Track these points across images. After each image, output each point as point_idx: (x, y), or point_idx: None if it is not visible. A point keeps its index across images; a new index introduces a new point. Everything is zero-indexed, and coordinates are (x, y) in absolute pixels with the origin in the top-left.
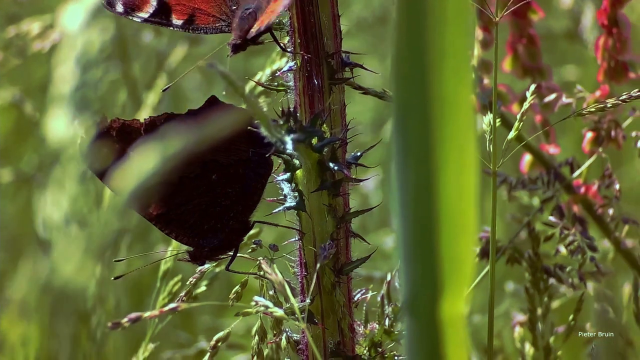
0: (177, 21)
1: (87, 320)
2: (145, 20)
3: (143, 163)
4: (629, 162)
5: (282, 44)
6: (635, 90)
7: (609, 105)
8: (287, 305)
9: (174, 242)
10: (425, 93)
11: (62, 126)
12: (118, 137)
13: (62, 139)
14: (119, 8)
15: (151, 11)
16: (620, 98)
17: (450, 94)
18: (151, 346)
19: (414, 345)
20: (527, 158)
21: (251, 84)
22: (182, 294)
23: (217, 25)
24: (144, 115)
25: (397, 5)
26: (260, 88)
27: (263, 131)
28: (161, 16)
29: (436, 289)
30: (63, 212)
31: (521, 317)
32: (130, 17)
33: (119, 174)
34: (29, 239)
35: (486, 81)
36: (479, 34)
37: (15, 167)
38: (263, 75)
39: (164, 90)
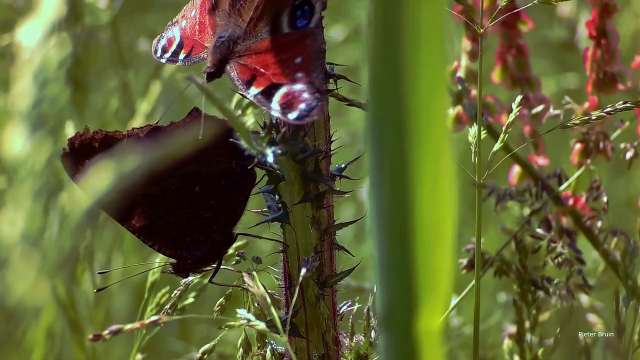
0: (182, 55)
1: (77, 331)
2: (167, 60)
3: (115, 174)
4: (624, 174)
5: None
6: (620, 102)
7: (593, 117)
8: (270, 318)
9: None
10: (399, 106)
11: (19, 143)
12: (100, 148)
13: (18, 157)
14: (158, 53)
15: (172, 50)
16: (605, 110)
17: (425, 108)
18: (139, 357)
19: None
20: (516, 169)
21: (238, 94)
22: (167, 306)
23: (202, 54)
24: (137, 123)
25: (371, 19)
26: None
27: (244, 143)
28: (178, 54)
29: (412, 304)
30: (18, 230)
31: (512, 328)
32: (161, 60)
33: (94, 185)
34: None
35: (474, 92)
36: (467, 44)
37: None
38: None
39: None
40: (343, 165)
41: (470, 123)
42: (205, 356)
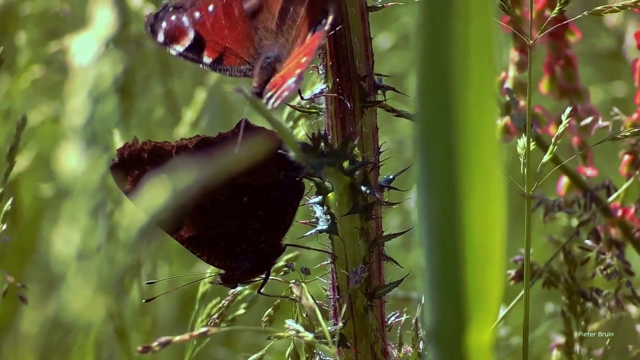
0: (207, 59)
1: (124, 339)
2: (179, 54)
3: (168, 187)
4: None
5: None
6: None
7: None
8: (319, 329)
9: None
10: (449, 121)
11: (74, 160)
12: (149, 159)
13: (73, 173)
14: (160, 37)
15: (187, 45)
16: None
17: (474, 119)
18: None
19: None
20: (564, 180)
21: (288, 106)
22: (215, 316)
23: (242, 67)
24: (182, 131)
25: (420, 31)
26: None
27: (292, 155)
28: (194, 51)
29: (462, 317)
30: (74, 247)
31: (560, 339)
32: (168, 49)
33: (145, 197)
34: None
35: (522, 103)
36: (515, 55)
37: (55, 182)
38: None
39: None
40: (391, 177)
41: (518, 134)
42: None
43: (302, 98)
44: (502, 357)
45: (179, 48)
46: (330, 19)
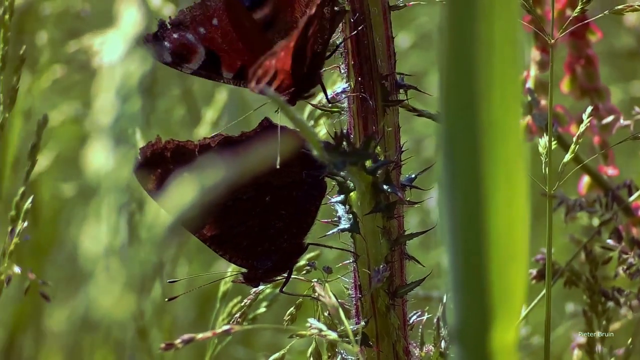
0: (227, 74)
1: (144, 338)
2: (194, 73)
3: (191, 186)
4: None
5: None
6: None
7: None
8: (341, 328)
9: None
10: (473, 120)
11: (101, 158)
12: (172, 158)
13: (100, 171)
14: (167, 58)
15: (200, 62)
16: None
17: (499, 119)
18: None
19: None
20: (586, 180)
21: (309, 105)
22: (237, 315)
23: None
24: (202, 131)
25: (443, 30)
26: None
27: (315, 154)
28: (210, 67)
29: (486, 318)
30: (103, 243)
31: (581, 338)
32: (180, 69)
33: (168, 196)
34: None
35: (543, 102)
36: (536, 54)
37: (79, 180)
38: (323, 97)
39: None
40: (413, 175)
41: (539, 133)
42: None
43: (327, 98)
44: (522, 357)
45: (192, 66)
46: None
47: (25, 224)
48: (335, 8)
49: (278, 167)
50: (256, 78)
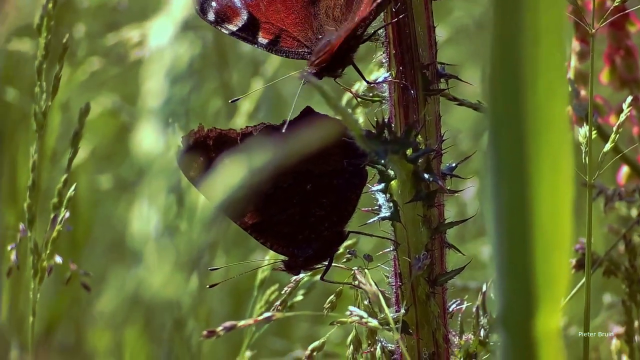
0: (262, 39)
1: (181, 328)
2: (232, 34)
3: (234, 173)
4: None
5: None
6: None
7: None
8: (382, 316)
9: (271, 251)
10: (519, 107)
11: (152, 139)
12: (214, 146)
13: (151, 152)
14: (211, 16)
15: (240, 25)
16: None
17: (545, 108)
18: (248, 354)
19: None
20: (625, 170)
21: (349, 94)
22: (277, 303)
23: (300, 50)
24: (239, 122)
25: (492, 19)
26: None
27: (357, 142)
28: (248, 31)
29: (531, 303)
30: (153, 223)
31: (618, 329)
32: (219, 28)
33: (211, 183)
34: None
35: (583, 93)
36: (575, 45)
37: (115, 173)
38: (361, 86)
39: (232, 102)
40: (454, 165)
41: (579, 124)
42: (315, 353)
43: (365, 80)
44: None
45: (232, 27)
46: None
47: (67, 213)
48: None
49: (318, 155)
50: (317, 60)
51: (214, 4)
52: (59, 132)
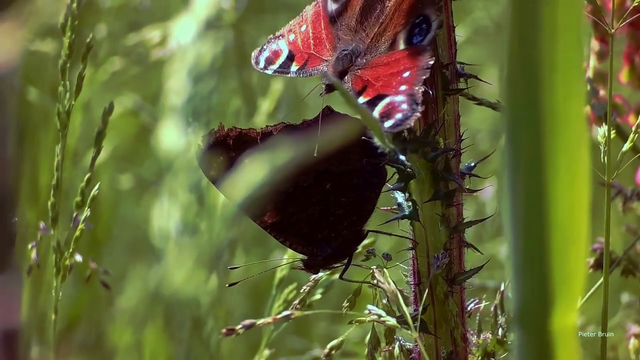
0: (294, 67)
1: (200, 327)
2: (275, 72)
3: (254, 172)
4: None
5: None
6: None
7: None
8: (400, 315)
9: (290, 250)
10: (536, 106)
11: (174, 137)
12: (234, 145)
13: (173, 150)
14: (261, 65)
15: (281, 62)
16: None
17: (562, 107)
18: (267, 352)
19: (525, 357)
20: None
21: None
22: (296, 302)
23: (320, 66)
24: (258, 121)
25: (509, 19)
26: None
27: (376, 141)
28: (286, 66)
29: (547, 301)
30: (174, 221)
31: (636, 328)
32: (265, 71)
33: (231, 182)
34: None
35: (602, 92)
36: (595, 45)
37: (136, 173)
38: None
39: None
40: (472, 164)
41: (598, 123)
42: (333, 352)
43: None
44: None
45: (274, 67)
46: (433, 25)
47: (89, 212)
48: None
49: (337, 154)
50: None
51: (266, 53)
52: (82, 131)
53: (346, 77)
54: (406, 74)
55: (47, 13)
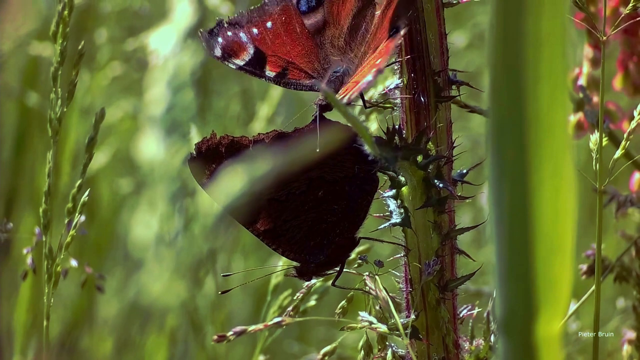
0: (270, 72)
1: (198, 332)
2: (240, 68)
3: (240, 178)
4: None
5: (366, 103)
6: None
7: None
8: (392, 321)
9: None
10: (521, 115)
11: (153, 148)
12: (227, 153)
13: (152, 161)
14: (217, 52)
15: (247, 59)
16: None
17: (546, 116)
18: (262, 358)
19: None
20: (637, 176)
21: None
22: (289, 308)
23: (307, 82)
24: (257, 127)
25: (493, 28)
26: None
27: (367, 148)
28: (255, 65)
29: (532, 308)
30: (153, 231)
31: (631, 334)
32: (226, 63)
33: (218, 188)
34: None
35: (595, 99)
36: (589, 51)
37: (136, 177)
38: (375, 93)
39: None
40: (464, 171)
41: (591, 130)
42: (326, 357)
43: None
44: (572, 352)
45: (239, 62)
46: (402, 32)
47: (83, 217)
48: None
49: (329, 161)
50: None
51: (220, 39)
52: (83, 135)
53: (341, 91)
54: (378, 61)
55: (43, 16)
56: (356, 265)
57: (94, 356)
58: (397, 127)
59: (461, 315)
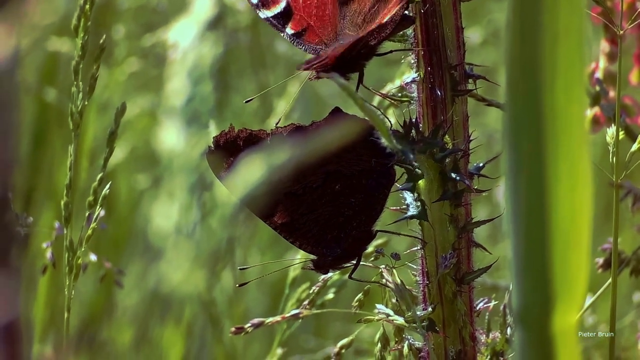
0: (290, 30)
1: (215, 325)
2: (267, 19)
3: (254, 170)
4: None
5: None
6: None
7: None
8: (409, 314)
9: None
10: (538, 110)
11: (173, 138)
12: (245, 146)
13: (172, 151)
14: (255, 0)
15: (276, 12)
16: None
17: (563, 111)
18: (279, 351)
19: (526, 357)
20: None
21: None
22: (306, 301)
23: (317, 47)
24: (274, 121)
25: (511, 23)
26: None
27: (384, 142)
28: (280, 20)
29: (548, 301)
30: (173, 221)
31: None
32: (257, 11)
33: (235, 181)
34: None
35: (612, 94)
36: (605, 46)
37: (154, 172)
38: (392, 87)
39: (246, 102)
40: (481, 164)
41: (608, 124)
42: (343, 350)
43: (357, 87)
44: (588, 346)
45: (268, 13)
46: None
47: (102, 211)
48: (406, 12)
49: (346, 155)
50: (309, 64)
51: None
52: (100, 131)
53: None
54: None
55: (62, 12)
56: (373, 258)
57: (113, 348)
58: (413, 120)
59: (478, 308)
